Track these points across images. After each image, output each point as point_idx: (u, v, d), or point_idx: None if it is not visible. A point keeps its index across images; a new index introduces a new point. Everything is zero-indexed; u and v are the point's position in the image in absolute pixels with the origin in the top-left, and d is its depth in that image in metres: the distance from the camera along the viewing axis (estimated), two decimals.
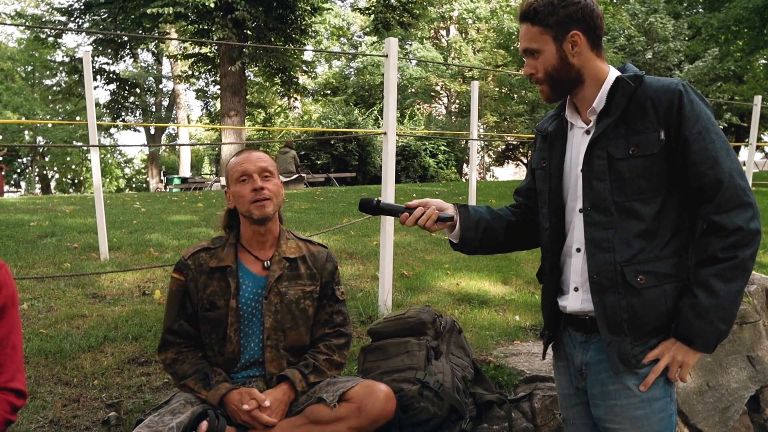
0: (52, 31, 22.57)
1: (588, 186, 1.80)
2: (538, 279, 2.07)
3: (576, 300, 1.87)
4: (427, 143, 21.53)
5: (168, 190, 22.11)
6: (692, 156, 1.69)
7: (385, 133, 3.92)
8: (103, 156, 39.32)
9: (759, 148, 26.92)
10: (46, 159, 38.32)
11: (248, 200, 2.31)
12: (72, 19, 21.85)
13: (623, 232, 1.75)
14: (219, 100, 22.58)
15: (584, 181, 1.80)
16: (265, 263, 2.41)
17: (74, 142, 31.71)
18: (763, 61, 23.03)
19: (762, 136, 25.58)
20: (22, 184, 38.49)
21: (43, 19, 29.20)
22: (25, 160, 37.62)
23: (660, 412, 1.78)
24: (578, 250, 1.85)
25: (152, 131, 34.34)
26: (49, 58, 34.44)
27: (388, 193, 3.92)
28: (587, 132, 1.84)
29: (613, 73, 1.82)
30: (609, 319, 1.77)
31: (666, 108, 1.71)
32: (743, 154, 21.12)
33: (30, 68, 35.60)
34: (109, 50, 24.26)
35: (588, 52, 1.79)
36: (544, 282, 2.00)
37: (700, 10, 22.92)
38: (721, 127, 17.92)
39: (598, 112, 1.81)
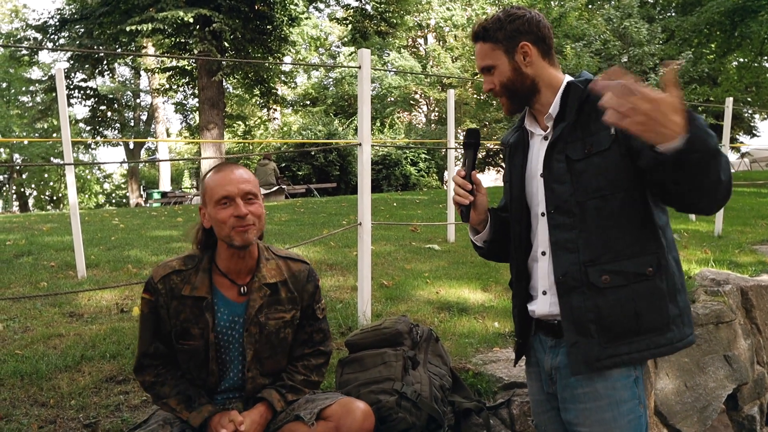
0: (28, 49, 22.29)
1: (549, 190, 1.83)
2: (510, 287, 2.10)
3: (544, 304, 1.89)
4: (407, 152, 21.57)
5: (148, 204, 21.92)
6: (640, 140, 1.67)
7: (360, 144, 3.93)
8: (81, 172, 38.90)
9: (734, 149, 27.27)
10: (24, 176, 37.90)
11: (229, 226, 2.14)
12: (47, 36, 21.56)
13: (587, 232, 1.77)
14: (198, 113, 22.48)
15: (545, 185, 1.84)
16: (242, 289, 2.28)
17: (52, 159, 31.34)
18: (735, 63, 23.43)
19: (737, 136, 25.92)
20: (0, 202, 37.99)
21: (18, 36, 28.88)
22: (1, 178, 37.17)
23: (629, 414, 1.80)
24: (543, 253, 1.88)
25: (131, 146, 34.09)
26: (25, 74, 34.07)
27: (364, 203, 3.93)
28: (545, 138, 1.88)
29: (567, 80, 1.87)
30: (575, 321, 1.79)
31: None
32: None
33: (5, 85, 35.18)
34: (86, 66, 24.00)
35: (540, 61, 1.86)
36: (514, 289, 2.03)
37: (673, 14, 23.27)
38: None
39: (554, 117, 1.85)
